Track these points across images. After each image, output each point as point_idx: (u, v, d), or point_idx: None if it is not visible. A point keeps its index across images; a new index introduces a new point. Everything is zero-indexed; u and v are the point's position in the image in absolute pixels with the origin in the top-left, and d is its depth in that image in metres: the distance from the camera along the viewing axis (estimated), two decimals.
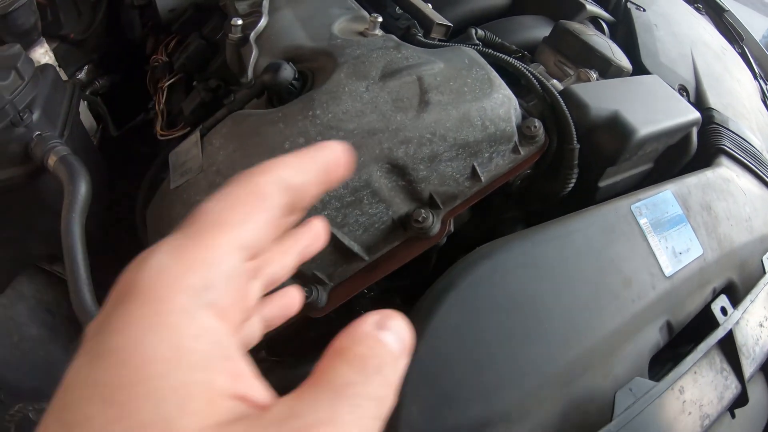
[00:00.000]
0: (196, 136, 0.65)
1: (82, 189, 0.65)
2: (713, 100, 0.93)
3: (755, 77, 1.22)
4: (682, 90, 0.93)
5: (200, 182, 0.62)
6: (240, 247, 0.22)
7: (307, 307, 0.65)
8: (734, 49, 1.26)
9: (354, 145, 0.58)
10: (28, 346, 0.91)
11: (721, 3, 1.35)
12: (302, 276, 0.64)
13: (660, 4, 1.08)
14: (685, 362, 0.55)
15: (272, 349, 0.79)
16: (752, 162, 0.87)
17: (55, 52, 1.01)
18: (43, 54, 0.96)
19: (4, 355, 0.89)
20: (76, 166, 0.66)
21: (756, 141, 0.93)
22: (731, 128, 0.90)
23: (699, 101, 0.93)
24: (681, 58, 0.97)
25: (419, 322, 0.49)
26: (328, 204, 0.58)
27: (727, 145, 0.85)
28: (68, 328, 0.96)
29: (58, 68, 0.95)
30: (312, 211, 0.58)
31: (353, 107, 0.59)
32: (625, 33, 0.99)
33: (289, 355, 0.79)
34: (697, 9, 1.29)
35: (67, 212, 0.64)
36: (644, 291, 0.57)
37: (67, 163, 0.66)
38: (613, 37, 1.04)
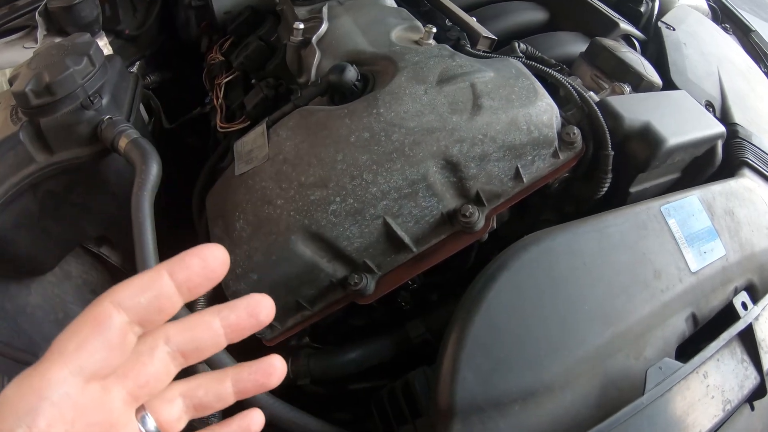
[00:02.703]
0: (262, 127, 0.75)
1: (154, 169, 0.74)
2: (738, 116, 1.02)
3: None
4: (709, 105, 1.02)
5: (266, 169, 0.72)
6: (75, 372, 0.28)
7: (355, 294, 0.74)
8: (759, 67, 1.36)
9: (414, 142, 0.67)
10: None
11: (747, 23, 1.45)
12: (353, 264, 0.73)
13: (689, 23, 1.18)
14: (708, 348, 0.63)
15: (315, 336, 0.87)
16: None
17: (110, 46, 1.12)
18: (102, 46, 1.06)
19: (48, 331, 0.96)
20: (148, 148, 0.75)
21: None
22: (754, 143, 0.99)
23: (724, 116, 1.02)
24: (708, 76, 1.07)
25: (475, 298, 0.57)
26: (387, 194, 0.67)
27: (750, 158, 0.94)
28: None
29: None
30: (371, 202, 0.67)
31: (413, 107, 0.69)
32: (655, 50, 1.09)
33: (331, 343, 0.87)
34: (725, 29, 1.39)
35: (138, 189, 0.73)
36: (672, 283, 0.66)
37: (139, 145, 0.76)
38: (644, 53, 1.14)
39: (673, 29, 1.12)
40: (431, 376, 0.66)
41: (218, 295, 0.88)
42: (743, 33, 1.43)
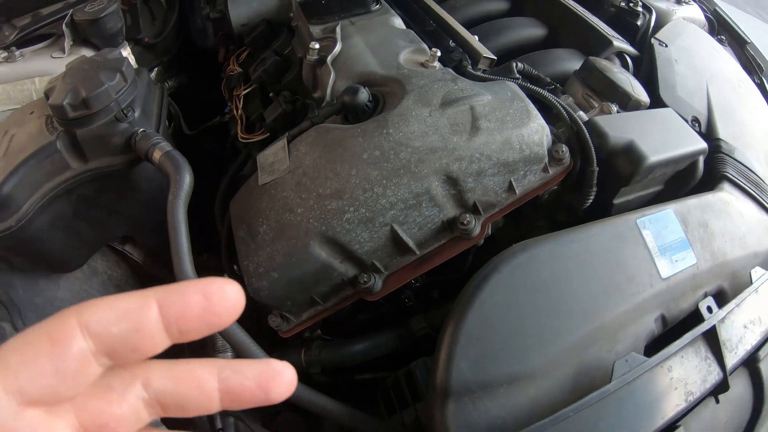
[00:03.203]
0: (283, 142, 0.88)
1: (187, 179, 0.87)
2: (722, 131, 1.15)
3: None
4: (695, 121, 1.15)
5: (288, 181, 0.85)
6: (10, 391, 0.24)
7: (364, 291, 0.88)
8: (753, 80, 1.49)
9: (419, 160, 0.81)
10: None
11: (743, 35, 1.58)
12: (363, 264, 0.86)
13: (683, 39, 1.31)
14: (672, 345, 0.77)
15: (327, 329, 1.02)
16: (753, 188, 1.09)
17: (128, 47, 1.25)
18: (126, 56, 1.19)
19: None
20: (180, 160, 0.89)
21: (759, 169, 1.15)
22: (736, 157, 1.12)
23: (709, 131, 1.15)
24: (697, 91, 1.20)
25: (470, 296, 0.71)
26: (395, 205, 0.81)
27: (730, 172, 1.07)
28: None
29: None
30: (381, 211, 0.81)
31: (419, 129, 0.82)
32: (647, 66, 1.22)
33: (341, 335, 1.01)
34: (720, 41, 1.52)
35: (173, 198, 0.86)
36: (643, 287, 0.79)
37: (173, 157, 0.89)
38: (637, 69, 1.27)
39: (666, 46, 1.25)
40: (431, 364, 0.80)
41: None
42: (739, 45, 1.56)
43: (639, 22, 1.39)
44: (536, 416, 0.68)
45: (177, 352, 0.92)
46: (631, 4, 1.39)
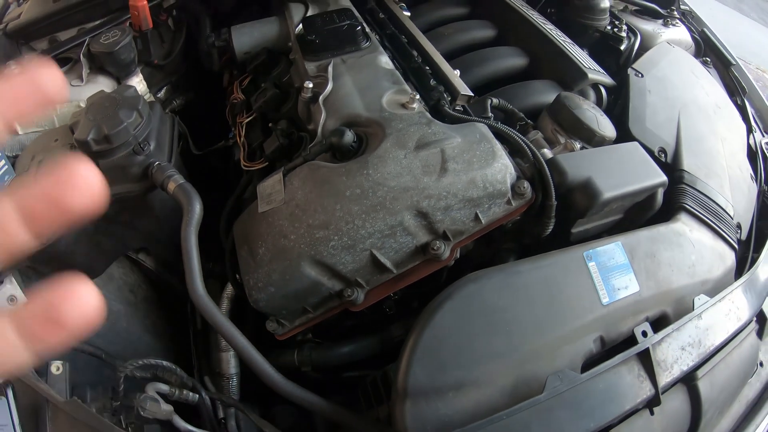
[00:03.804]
0: (279, 176, 1.09)
1: (197, 208, 1.08)
2: (687, 162, 1.33)
3: (749, 131, 1.61)
4: (662, 152, 1.33)
5: (283, 211, 1.06)
6: None
7: (348, 303, 1.09)
8: (735, 102, 1.66)
9: (393, 197, 1.01)
10: (114, 319, 1.35)
11: (728, 56, 1.74)
12: (347, 281, 1.07)
13: (661, 67, 1.49)
14: (604, 364, 0.97)
15: (317, 333, 1.23)
16: (710, 218, 1.27)
17: (141, 73, 1.45)
18: (138, 82, 1.40)
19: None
20: (191, 192, 1.10)
21: (721, 199, 1.33)
22: (698, 188, 1.30)
23: (675, 162, 1.33)
24: (667, 123, 1.38)
25: (427, 317, 0.91)
26: (373, 234, 1.01)
27: (689, 203, 1.25)
28: (145, 306, 1.41)
29: (147, 93, 1.39)
30: (361, 240, 1.01)
31: (394, 169, 1.02)
32: (623, 96, 1.40)
33: (329, 339, 1.23)
34: (705, 63, 1.68)
35: (186, 226, 1.07)
36: (583, 313, 0.99)
37: (185, 189, 1.10)
38: (615, 97, 1.45)
39: (642, 75, 1.42)
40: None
41: (240, 298, 1.25)
42: (724, 66, 1.72)
43: (623, 47, 1.56)
44: (478, 417, 0.89)
45: (186, 351, 1.16)
46: (615, 30, 1.56)
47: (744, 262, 1.39)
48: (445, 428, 0.87)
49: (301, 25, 1.34)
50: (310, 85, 1.16)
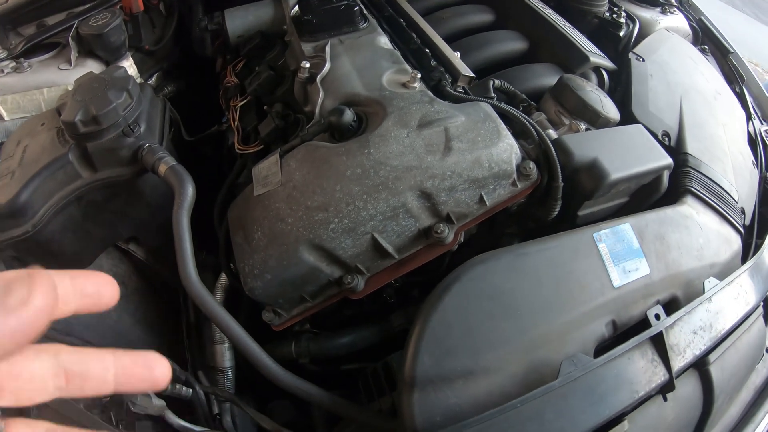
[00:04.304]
0: (276, 157, 1.02)
1: (189, 191, 1.01)
2: (691, 146, 1.28)
3: (748, 118, 1.57)
4: (665, 136, 1.28)
5: (279, 193, 0.99)
6: None
7: (348, 291, 1.02)
8: (734, 89, 1.62)
9: (396, 177, 0.95)
10: (104, 312, 1.28)
11: (726, 45, 1.70)
12: (347, 267, 1.01)
13: (661, 53, 1.44)
14: (618, 348, 0.91)
15: (315, 323, 1.17)
16: (716, 201, 1.23)
17: (131, 57, 1.38)
18: (128, 66, 1.33)
19: (84, 316, 1.23)
20: (183, 174, 1.03)
21: (726, 183, 1.29)
22: (703, 171, 1.25)
23: (678, 146, 1.28)
24: (669, 107, 1.33)
25: (434, 301, 0.85)
26: (374, 217, 0.95)
27: (694, 186, 1.21)
28: (136, 298, 1.33)
29: (138, 78, 1.32)
30: (362, 222, 0.95)
31: (397, 149, 0.96)
32: (624, 80, 1.35)
33: (328, 329, 1.16)
34: (703, 50, 1.64)
35: (177, 209, 1.00)
36: (594, 295, 0.94)
37: (177, 171, 1.03)
38: (616, 82, 1.40)
39: (643, 60, 1.38)
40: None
41: (235, 288, 1.18)
42: (722, 54, 1.68)
43: (622, 33, 1.52)
44: (489, 405, 0.82)
45: (178, 344, 1.08)
46: (614, 16, 1.52)
47: (747, 247, 1.34)
48: (455, 418, 0.80)
49: (297, 6, 1.28)
50: (307, 65, 1.10)
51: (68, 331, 1.16)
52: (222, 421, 1.12)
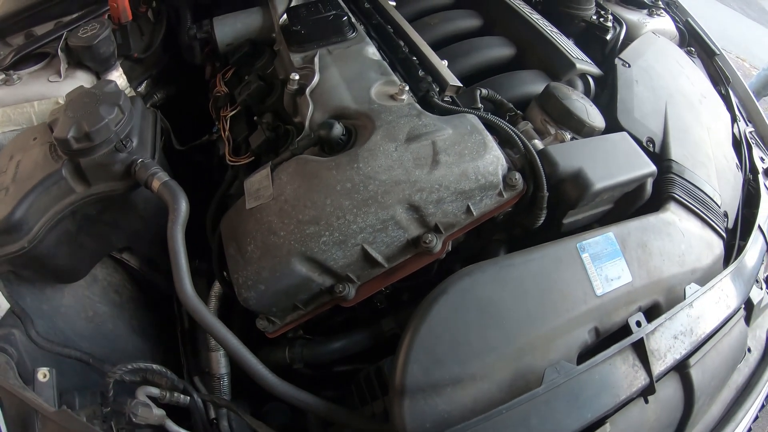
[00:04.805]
0: (267, 171, 1.05)
1: (183, 206, 1.04)
2: (675, 152, 1.32)
3: (733, 120, 1.61)
4: (650, 142, 1.32)
5: (272, 207, 1.03)
6: None
7: (339, 299, 1.06)
8: (719, 91, 1.66)
9: (384, 191, 0.98)
10: (100, 321, 1.30)
11: (713, 47, 1.74)
12: (338, 276, 1.04)
13: (647, 57, 1.48)
14: (600, 355, 0.96)
15: (308, 329, 1.21)
16: (698, 207, 1.27)
17: (120, 67, 1.40)
18: (118, 77, 1.35)
19: (80, 327, 1.26)
20: (177, 190, 1.06)
21: (708, 188, 1.33)
22: (686, 177, 1.30)
23: (663, 151, 1.32)
24: (654, 113, 1.37)
25: (422, 313, 0.89)
26: (364, 229, 0.98)
27: (677, 193, 1.25)
28: (131, 307, 1.36)
29: (127, 87, 1.34)
30: (352, 235, 0.98)
31: (385, 163, 0.99)
32: (610, 86, 1.39)
33: (320, 334, 1.20)
34: (689, 52, 1.68)
35: (172, 224, 1.03)
36: (577, 304, 0.98)
37: (170, 187, 1.06)
38: (602, 87, 1.44)
39: (629, 66, 1.41)
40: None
41: (228, 298, 1.22)
42: (708, 56, 1.72)
43: (609, 36, 1.55)
44: (477, 412, 0.87)
45: (174, 351, 1.12)
46: (601, 19, 1.55)
47: (731, 249, 1.39)
48: (444, 424, 0.85)
49: (285, 15, 1.30)
50: (297, 77, 1.13)
51: (65, 342, 1.19)
52: (219, 427, 1.16)
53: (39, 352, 1.08)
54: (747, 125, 1.67)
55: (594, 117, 1.23)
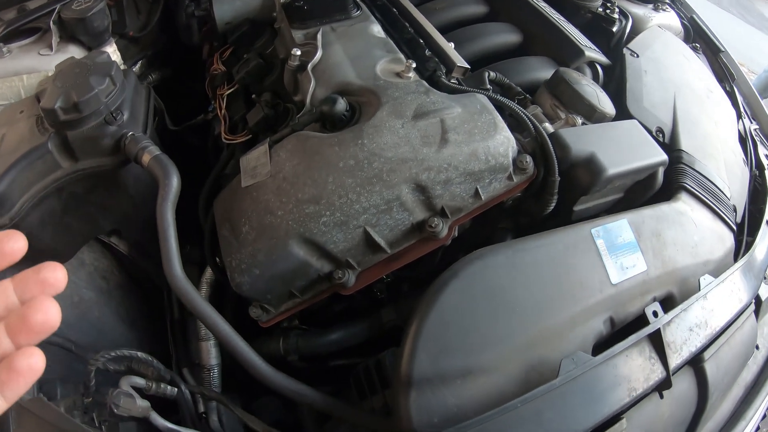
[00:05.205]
0: (265, 147, 0.97)
1: (174, 182, 0.96)
2: (685, 143, 1.26)
3: (738, 116, 1.55)
4: (659, 132, 1.26)
5: (269, 185, 0.94)
6: None
7: (338, 286, 0.98)
8: (724, 88, 1.60)
9: (390, 169, 0.90)
10: (86, 307, 1.21)
11: (717, 43, 1.68)
12: (338, 262, 0.96)
13: (654, 49, 1.41)
14: (617, 346, 0.88)
15: (303, 319, 1.12)
16: (710, 198, 1.20)
17: (115, 44, 1.32)
18: (112, 52, 1.27)
19: (65, 313, 1.17)
20: (168, 164, 0.97)
21: (719, 181, 1.26)
22: (696, 168, 1.23)
23: (673, 142, 1.26)
24: (663, 103, 1.30)
25: (431, 298, 0.81)
26: (367, 210, 0.90)
27: (689, 183, 1.18)
28: (119, 294, 1.27)
29: (121, 65, 1.26)
30: (354, 215, 0.90)
31: (391, 140, 0.91)
32: (618, 76, 1.32)
33: (317, 325, 1.12)
34: (695, 48, 1.62)
35: (162, 201, 0.95)
36: (593, 292, 0.90)
37: (161, 161, 0.97)
38: (609, 77, 1.37)
39: (637, 56, 1.35)
40: (398, 355, 0.90)
41: (222, 283, 1.12)
42: (713, 53, 1.66)
43: (615, 28, 1.49)
44: (489, 406, 0.79)
45: (162, 341, 1.01)
46: (608, 11, 1.49)
47: (738, 245, 1.33)
48: (453, 419, 0.76)
49: None
50: (298, 53, 1.05)
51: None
52: (208, 421, 1.07)
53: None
54: (752, 122, 1.61)
55: (605, 103, 1.16)
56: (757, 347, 1.32)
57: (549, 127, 1.08)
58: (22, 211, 0.98)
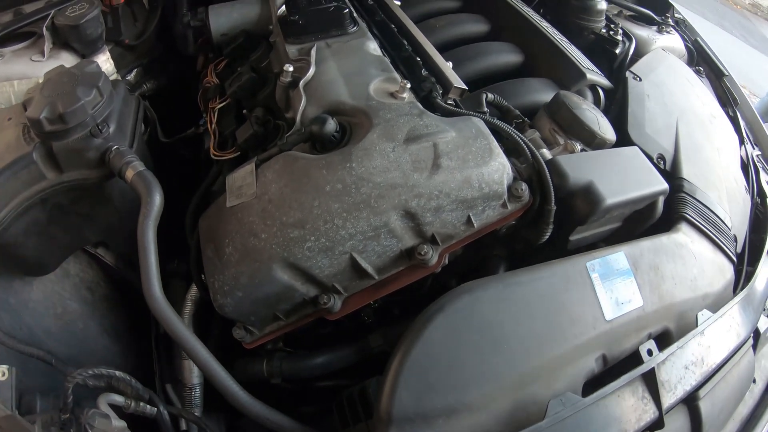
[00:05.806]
0: (251, 166, 0.91)
1: (157, 200, 0.91)
2: (687, 170, 1.20)
3: (741, 142, 1.49)
4: (660, 158, 1.20)
5: (254, 206, 0.89)
6: None
7: (324, 311, 0.92)
8: (727, 112, 1.53)
9: (379, 195, 0.85)
10: (69, 319, 1.16)
11: (721, 67, 1.62)
12: (323, 286, 0.91)
13: (658, 72, 1.35)
14: (608, 386, 0.82)
15: (289, 342, 1.06)
16: (710, 229, 1.14)
17: (110, 54, 1.27)
18: (104, 61, 1.22)
19: (48, 324, 1.12)
20: (152, 181, 0.92)
21: (720, 210, 1.20)
22: (698, 197, 1.17)
23: (674, 169, 1.20)
24: (665, 129, 1.24)
25: (415, 333, 0.75)
26: (354, 236, 0.85)
27: (689, 213, 1.12)
28: (104, 306, 1.22)
29: (114, 73, 1.21)
30: (340, 241, 0.85)
31: (381, 164, 0.86)
32: (621, 99, 1.26)
33: (302, 348, 1.06)
34: (698, 72, 1.56)
35: (143, 219, 0.89)
36: (586, 329, 0.84)
37: (144, 178, 0.92)
38: (611, 100, 1.31)
39: (640, 79, 1.29)
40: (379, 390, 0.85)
41: (206, 302, 1.07)
42: (716, 77, 1.60)
43: (618, 50, 1.43)
44: None
45: (147, 355, 0.95)
46: (611, 32, 1.43)
47: (738, 275, 1.26)
48: None
49: (284, 6, 1.17)
50: (290, 69, 0.99)
51: (31, 339, 1.05)
52: None
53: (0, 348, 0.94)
54: (754, 148, 1.54)
55: (605, 129, 1.10)
56: (754, 381, 1.25)
57: (547, 153, 1.02)
58: (6, 220, 0.93)
